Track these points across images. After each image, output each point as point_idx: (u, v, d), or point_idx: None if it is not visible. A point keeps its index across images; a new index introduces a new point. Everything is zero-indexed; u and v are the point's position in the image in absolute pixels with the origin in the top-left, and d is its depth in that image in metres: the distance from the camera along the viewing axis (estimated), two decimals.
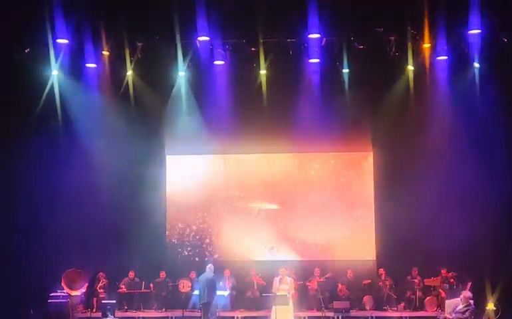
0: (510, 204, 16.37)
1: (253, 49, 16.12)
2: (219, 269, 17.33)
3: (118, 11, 15.18)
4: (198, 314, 15.41)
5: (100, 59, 16.52)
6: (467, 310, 13.30)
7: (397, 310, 16.75)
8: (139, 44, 16.13)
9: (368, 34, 15.76)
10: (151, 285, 17.33)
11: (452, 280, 16.28)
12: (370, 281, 17.39)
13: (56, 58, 15.94)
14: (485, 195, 16.30)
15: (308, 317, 16.26)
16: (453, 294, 15.55)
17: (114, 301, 16.26)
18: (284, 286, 13.29)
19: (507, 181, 16.39)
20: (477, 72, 16.15)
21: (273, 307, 13.27)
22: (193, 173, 18.59)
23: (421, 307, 16.67)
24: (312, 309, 16.65)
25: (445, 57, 16.26)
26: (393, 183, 17.51)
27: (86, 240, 16.83)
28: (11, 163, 16.41)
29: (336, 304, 16.43)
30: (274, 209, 18.45)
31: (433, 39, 15.86)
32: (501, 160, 16.31)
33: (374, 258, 18.02)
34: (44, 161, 16.54)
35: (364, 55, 16.02)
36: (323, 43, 16.07)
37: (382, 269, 17.31)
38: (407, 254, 17.19)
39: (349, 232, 18.24)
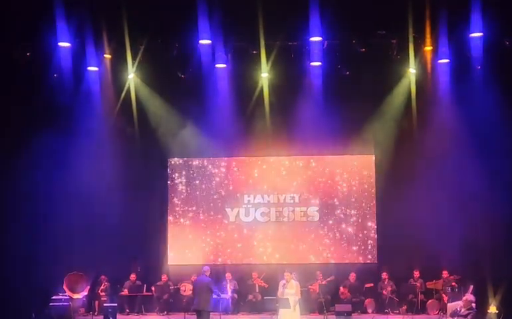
0: None
1: (254, 52, 16.11)
2: (220, 272, 17.41)
3: (119, 14, 15.17)
4: None
5: (101, 62, 16.54)
6: (469, 314, 13.27)
7: (399, 313, 16.72)
8: (141, 47, 16.14)
9: (369, 37, 15.75)
10: (153, 288, 17.32)
11: (454, 283, 16.25)
12: (371, 284, 17.37)
13: (58, 62, 15.94)
14: (486, 197, 16.27)
15: None
16: (455, 297, 15.53)
17: (116, 304, 16.25)
18: (290, 291, 13.22)
19: (509, 184, 16.38)
20: (478, 75, 16.13)
21: (280, 310, 13.24)
22: (195, 175, 18.58)
23: (423, 310, 16.65)
24: (314, 312, 16.64)
25: (447, 60, 16.27)
26: (395, 185, 17.48)
27: (87, 243, 16.81)
28: (13, 166, 16.40)
29: (338, 307, 16.41)
30: (276, 211, 18.44)
31: (435, 42, 15.87)
32: (503, 163, 16.29)
33: (376, 261, 18.02)
34: (46, 163, 16.53)
35: (365, 58, 16.01)
36: (325, 46, 16.07)
37: (385, 273, 17.27)
38: (409, 257, 17.20)
39: (351, 235, 18.22)
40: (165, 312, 17.04)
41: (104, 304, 16.40)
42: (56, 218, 16.75)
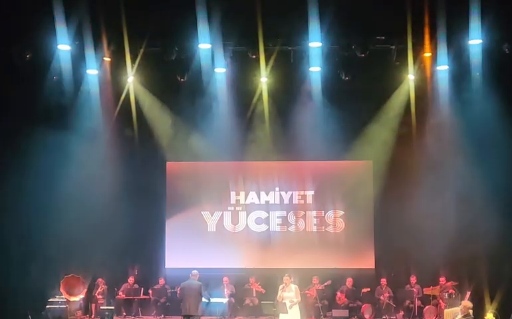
0: (510, 213, 16.38)
1: (254, 57, 16.13)
2: (218, 276, 17.39)
3: (119, 17, 15.18)
4: None
5: (101, 65, 16.55)
6: None
7: None
8: (141, 51, 16.14)
9: (369, 43, 15.77)
10: (150, 291, 17.31)
11: (451, 289, 16.27)
12: (369, 289, 17.37)
13: (58, 64, 15.95)
14: (484, 203, 16.28)
15: None
16: (452, 303, 15.55)
17: (113, 307, 16.24)
18: (289, 294, 13.29)
19: (507, 191, 16.42)
20: (477, 82, 16.17)
21: (280, 315, 13.28)
22: (194, 179, 18.57)
23: (420, 316, 16.67)
24: (311, 317, 16.64)
25: (446, 67, 16.30)
26: (392, 191, 17.52)
27: (85, 245, 16.79)
28: (12, 168, 16.41)
29: (335, 313, 16.45)
30: (274, 215, 18.44)
31: (434, 48, 15.90)
32: (501, 170, 16.31)
33: (373, 267, 18.02)
34: (45, 166, 16.51)
35: (364, 64, 16.04)
36: (324, 51, 16.09)
37: (383, 279, 17.26)
38: (406, 262, 17.23)
39: (348, 240, 18.22)
40: (162, 316, 17.04)
41: (101, 307, 16.41)
42: (53, 221, 16.72)
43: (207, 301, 15.91)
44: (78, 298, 16.47)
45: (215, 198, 18.51)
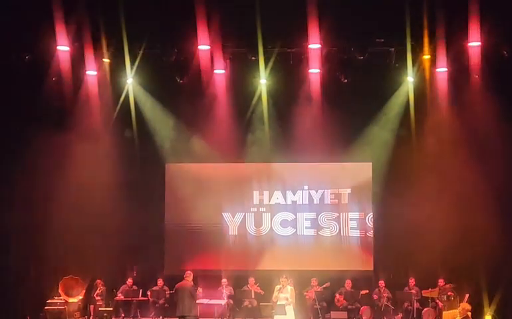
0: (509, 215, 16.39)
1: (253, 58, 16.15)
2: (217, 278, 17.38)
3: (118, 19, 15.20)
4: None
5: (100, 66, 16.57)
6: None
7: None
8: (140, 52, 16.16)
9: (368, 45, 15.79)
10: (149, 293, 17.30)
11: (450, 291, 16.26)
12: (367, 291, 17.37)
13: (57, 65, 15.96)
14: (484, 206, 16.30)
15: None
16: (451, 305, 15.55)
17: (111, 308, 16.23)
18: (285, 295, 13.32)
19: (507, 193, 16.43)
20: (476, 84, 16.19)
21: (275, 316, 13.30)
22: (193, 181, 18.56)
23: (419, 318, 16.65)
24: None
25: (445, 69, 16.32)
26: (392, 193, 17.51)
27: (84, 247, 16.80)
28: (10, 168, 16.41)
29: (333, 315, 16.42)
30: (273, 217, 18.46)
31: (433, 51, 15.93)
32: (501, 172, 16.34)
33: (372, 269, 18.02)
34: (43, 166, 16.54)
35: (364, 66, 16.06)
36: (323, 53, 16.11)
37: (382, 281, 17.26)
38: (405, 264, 17.21)
39: (347, 242, 18.22)
40: (161, 317, 17.02)
41: (100, 308, 16.40)
42: (52, 222, 16.74)
43: (202, 302, 15.91)
44: (77, 299, 16.48)
45: (213, 200, 18.48)
